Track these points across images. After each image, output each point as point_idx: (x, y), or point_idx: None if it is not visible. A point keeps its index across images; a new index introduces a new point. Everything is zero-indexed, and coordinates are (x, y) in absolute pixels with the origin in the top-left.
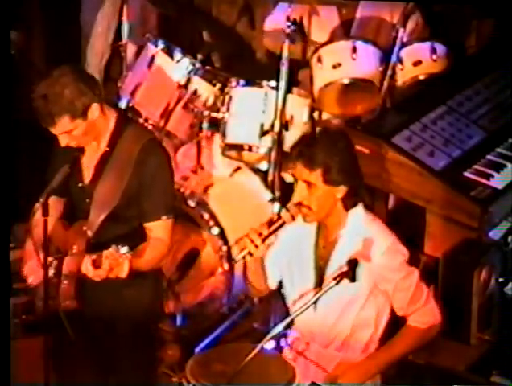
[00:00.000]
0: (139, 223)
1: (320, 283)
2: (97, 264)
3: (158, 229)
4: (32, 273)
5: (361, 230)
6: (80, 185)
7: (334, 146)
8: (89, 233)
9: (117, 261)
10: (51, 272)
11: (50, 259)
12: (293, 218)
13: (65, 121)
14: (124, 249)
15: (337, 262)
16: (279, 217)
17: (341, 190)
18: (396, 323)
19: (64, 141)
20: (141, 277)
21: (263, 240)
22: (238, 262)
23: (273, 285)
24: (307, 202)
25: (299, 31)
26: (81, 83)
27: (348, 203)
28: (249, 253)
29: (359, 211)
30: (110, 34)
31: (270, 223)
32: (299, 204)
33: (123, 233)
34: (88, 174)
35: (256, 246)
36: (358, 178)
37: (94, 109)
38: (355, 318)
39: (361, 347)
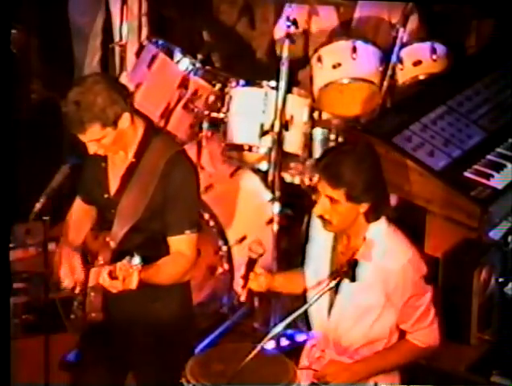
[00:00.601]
0: (163, 236)
1: (336, 288)
2: (113, 276)
3: (181, 243)
4: (67, 276)
5: (381, 243)
6: (106, 196)
7: (360, 165)
8: (112, 245)
9: (128, 272)
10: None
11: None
12: (261, 255)
13: (96, 129)
14: (136, 261)
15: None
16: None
17: (364, 207)
18: None
19: (92, 149)
20: (165, 291)
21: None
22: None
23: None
24: (329, 216)
25: (300, 33)
26: (114, 91)
27: (371, 217)
28: (251, 261)
29: (381, 223)
30: (99, 35)
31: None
32: (321, 217)
33: (146, 246)
34: (114, 185)
35: (259, 254)
36: (383, 193)
37: (125, 119)
38: (369, 330)
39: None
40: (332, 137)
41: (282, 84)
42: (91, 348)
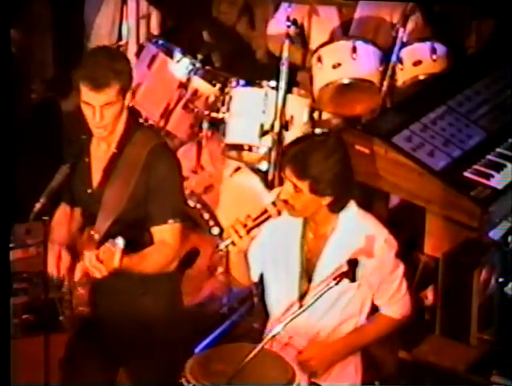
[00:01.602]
0: (147, 227)
1: (308, 275)
2: (99, 259)
3: (165, 233)
4: (54, 268)
5: (355, 226)
6: (89, 191)
7: (328, 159)
8: (97, 237)
9: (111, 252)
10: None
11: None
12: (279, 213)
13: (114, 90)
14: (118, 241)
15: (330, 256)
16: (265, 211)
17: (327, 200)
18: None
19: (98, 130)
20: (155, 283)
21: (248, 232)
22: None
23: (255, 277)
24: (292, 201)
25: (300, 35)
26: (129, 64)
27: (334, 208)
28: (233, 243)
29: (350, 209)
30: (111, 35)
31: (256, 216)
32: (285, 201)
33: (131, 237)
34: (96, 179)
35: (240, 236)
36: (348, 187)
37: (129, 96)
38: (342, 312)
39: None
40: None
41: (282, 84)
42: (81, 343)
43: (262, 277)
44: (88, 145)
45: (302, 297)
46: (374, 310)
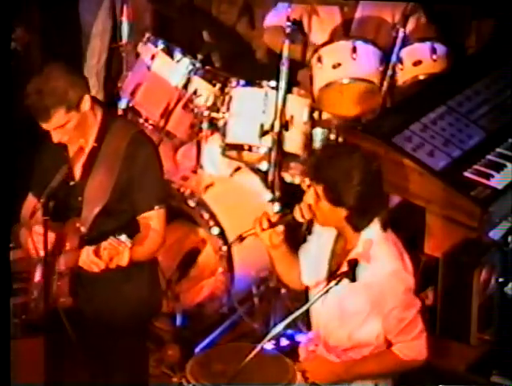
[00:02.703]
0: (132, 216)
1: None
2: (97, 255)
3: (152, 219)
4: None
5: (372, 248)
6: (71, 183)
7: (346, 166)
8: (83, 229)
9: (117, 250)
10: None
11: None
12: (302, 217)
13: (60, 114)
14: (123, 237)
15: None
16: (290, 212)
17: (343, 212)
18: None
19: (56, 137)
20: (137, 271)
21: (270, 226)
22: (238, 243)
23: (305, 280)
24: (314, 208)
25: (299, 32)
26: (72, 74)
27: (354, 224)
28: (255, 234)
29: (372, 230)
30: (106, 35)
31: (282, 214)
32: (308, 206)
33: (117, 227)
34: (77, 172)
35: (262, 229)
36: (372, 203)
37: (86, 100)
38: (355, 333)
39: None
40: (332, 137)
41: (282, 84)
42: (62, 334)
43: None
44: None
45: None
46: None
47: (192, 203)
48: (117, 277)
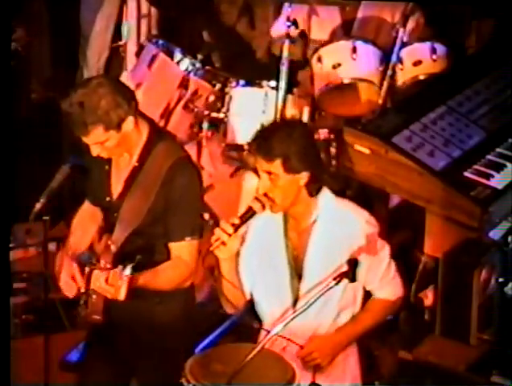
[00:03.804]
0: (164, 242)
1: (297, 273)
2: (108, 282)
3: (182, 250)
4: (67, 286)
5: (334, 211)
6: (108, 199)
7: (290, 135)
8: (113, 249)
9: (117, 284)
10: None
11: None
12: (263, 207)
13: (99, 132)
14: (127, 271)
15: (316, 248)
16: (250, 208)
17: (304, 177)
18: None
19: (95, 151)
20: (171, 295)
21: (235, 229)
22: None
23: (248, 294)
24: (272, 193)
25: (299, 34)
26: (118, 94)
27: (313, 188)
28: (223, 243)
29: (327, 194)
30: (108, 34)
31: (242, 213)
32: (265, 195)
33: (147, 250)
34: (116, 189)
35: (229, 235)
36: (320, 163)
37: (129, 122)
38: (337, 306)
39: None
40: (332, 137)
41: (282, 84)
42: (95, 351)
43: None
44: None
45: (295, 295)
46: (367, 296)
47: None
48: (149, 298)
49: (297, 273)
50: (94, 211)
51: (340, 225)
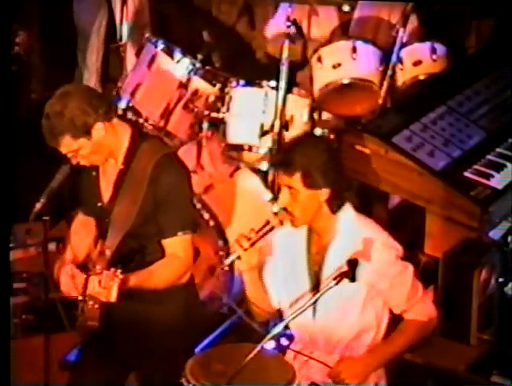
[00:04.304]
0: (157, 240)
1: (315, 289)
2: (101, 285)
3: (175, 246)
4: (69, 289)
5: (353, 230)
6: (99, 205)
7: (312, 150)
8: (108, 253)
9: (108, 285)
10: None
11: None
12: (281, 223)
13: (68, 140)
14: (117, 273)
15: (331, 265)
16: (268, 222)
17: (324, 193)
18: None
19: (73, 161)
20: (168, 294)
21: (252, 244)
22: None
23: (275, 304)
24: (291, 208)
25: (298, 33)
26: (83, 102)
27: (334, 205)
28: (239, 257)
29: (348, 211)
30: (102, 31)
31: (259, 228)
32: (284, 209)
33: (142, 251)
34: (106, 194)
35: (245, 249)
36: (342, 180)
37: (99, 128)
38: (356, 322)
39: (364, 349)
40: (332, 137)
41: (282, 84)
42: (93, 350)
43: None
44: None
45: (314, 309)
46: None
47: None
48: (148, 299)
49: (317, 288)
50: (88, 221)
51: (355, 243)
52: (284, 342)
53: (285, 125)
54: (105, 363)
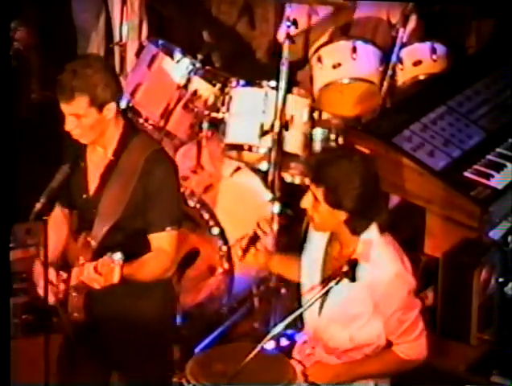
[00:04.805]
0: (144, 234)
1: (326, 292)
2: (96, 271)
3: (162, 240)
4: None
5: (372, 252)
6: (85, 196)
7: (348, 173)
8: (93, 244)
9: (109, 268)
10: (61, 286)
11: (63, 274)
12: (265, 233)
13: (83, 102)
14: (117, 256)
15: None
16: (254, 233)
17: (343, 215)
18: None
19: (70, 124)
20: (149, 288)
21: (244, 253)
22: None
23: (303, 281)
24: (311, 212)
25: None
26: (112, 78)
27: (352, 228)
28: (255, 237)
29: (371, 233)
30: (101, 30)
31: (249, 237)
32: (305, 210)
33: (128, 244)
34: (93, 185)
35: (240, 258)
36: (368, 209)
37: (111, 108)
38: (356, 334)
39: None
40: (332, 137)
41: (283, 84)
42: (76, 346)
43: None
44: (84, 150)
45: (320, 309)
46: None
47: (191, 203)
48: (129, 294)
49: (326, 290)
50: (65, 213)
51: (370, 266)
52: (284, 342)
53: (285, 125)
54: (89, 359)
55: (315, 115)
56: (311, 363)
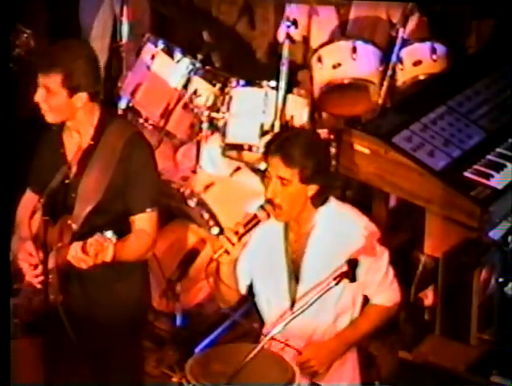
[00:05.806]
0: (125, 216)
1: (295, 276)
2: (84, 251)
3: (143, 221)
4: (25, 261)
5: (334, 215)
6: (66, 181)
7: (312, 147)
8: (74, 227)
9: (102, 246)
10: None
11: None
12: (268, 216)
13: (57, 79)
14: (109, 234)
15: (314, 252)
16: (255, 216)
17: (313, 189)
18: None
19: (38, 96)
20: (127, 271)
21: (239, 238)
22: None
23: (243, 289)
24: (279, 200)
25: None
26: (93, 69)
27: (317, 201)
28: (226, 251)
29: (331, 203)
30: (106, 36)
31: (246, 221)
32: (271, 201)
33: (108, 226)
34: (72, 170)
35: (233, 244)
36: (330, 177)
37: (82, 97)
38: (335, 308)
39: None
40: (332, 137)
41: (282, 84)
42: (53, 333)
43: (250, 288)
44: (61, 136)
45: (293, 297)
46: (367, 301)
47: (191, 203)
48: (108, 276)
49: (295, 275)
50: (33, 199)
51: (338, 229)
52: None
53: (285, 125)
54: (69, 347)
55: (315, 115)
56: (303, 348)
